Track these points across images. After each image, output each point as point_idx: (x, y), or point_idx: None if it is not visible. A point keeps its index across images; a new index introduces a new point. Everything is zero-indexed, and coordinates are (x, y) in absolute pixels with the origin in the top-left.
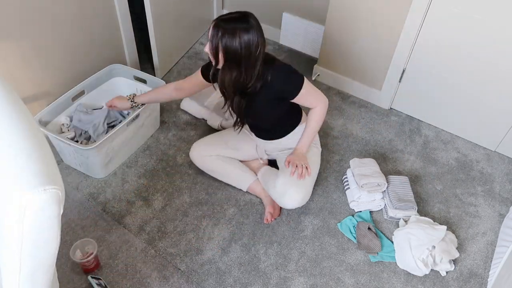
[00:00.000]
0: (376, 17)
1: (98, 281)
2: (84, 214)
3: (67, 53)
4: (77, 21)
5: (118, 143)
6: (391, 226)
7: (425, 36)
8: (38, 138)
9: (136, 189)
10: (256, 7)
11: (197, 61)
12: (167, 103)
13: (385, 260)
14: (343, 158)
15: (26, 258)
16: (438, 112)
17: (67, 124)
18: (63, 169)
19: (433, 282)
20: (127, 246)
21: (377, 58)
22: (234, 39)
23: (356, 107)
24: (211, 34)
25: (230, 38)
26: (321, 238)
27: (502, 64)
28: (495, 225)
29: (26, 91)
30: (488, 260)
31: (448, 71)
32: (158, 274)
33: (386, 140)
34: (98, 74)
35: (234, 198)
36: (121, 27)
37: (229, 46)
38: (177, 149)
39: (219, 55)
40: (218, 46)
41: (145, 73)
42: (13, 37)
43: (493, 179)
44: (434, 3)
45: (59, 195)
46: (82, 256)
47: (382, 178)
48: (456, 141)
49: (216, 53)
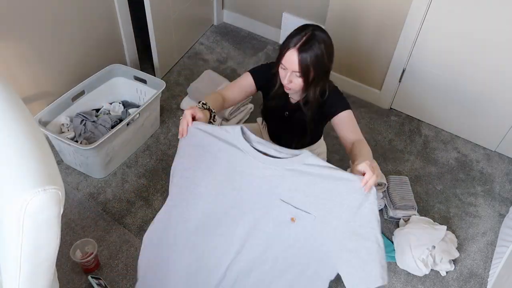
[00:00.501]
0: (376, 17)
1: (98, 281)
2: (84, 214)
3: (67, 53)
4: (77, 21)
5: (118, 143)
6: (391, 226)
7: (425, 36)
8: (38, 138)
9: (136, 189)
10: (256, 7)
11: (197, 61)
12: (167, 104)
13: (385, 260)
14: (343, 158)
15: (26, 258)
16: (438, 112)
17: (67, 124)
18: (63, 169)
19: (433, 282)
20: (127, 246)
21: (377, 58)
22: (322, 53)
23: (356, 107)
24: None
25: (319, 54)
26: None
27: (502, 64)
28: (495, 225)
29: (26, 91)
30: (488, 260)
31: (448, 71)
32: None
33: (386, 140)
34: (98, 74)
35: None
36: (121, 27)
37: (320, 61)
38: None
39: (310, 75)
40: (309, 68)
41: (145, 73)
42: (13, 37)
43: (493, 179)
44: (434, 3)
45: (59, 195)
46: (82, 256)
47: (382, 178)
48: (456, 141)
49: (307, 76)
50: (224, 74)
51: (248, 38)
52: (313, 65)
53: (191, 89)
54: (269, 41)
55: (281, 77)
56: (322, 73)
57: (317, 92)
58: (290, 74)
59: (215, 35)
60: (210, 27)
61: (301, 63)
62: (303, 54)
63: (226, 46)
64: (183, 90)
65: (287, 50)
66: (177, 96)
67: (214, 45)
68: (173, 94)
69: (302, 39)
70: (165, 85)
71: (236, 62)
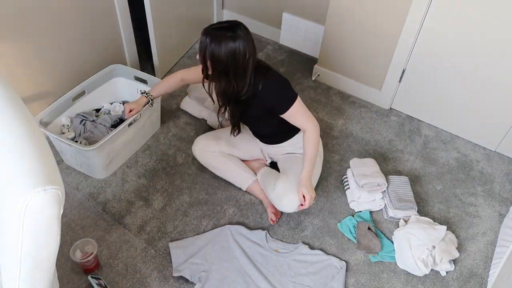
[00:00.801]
0: (376, 17)
1: (98, 281)
2: (84, 214)
3: (67, 53)
4: (77, 22)
5: (119, 144)
6: (391, 226)
7: (425, 36)
8: (38, 138)
9: (136, 189)
10: (256, 7)
11: (197, 61)
12: (167, 104)
13: (385, 260)
14: (343, 158)
15: (26, 258)
16: (438, 112)
17: (67, 124)
18: (63, 169)
19: (433, 282)
20: (127, 246)
21: (377, 58)
22: (220, 47)
23: (356, 107)
24: (200, 41)
25: (216, 46)
26: (321, 238)
27: (502, 64)
28: (495, 225)
29: (26, 91)
30: (488, 260)
31: (448, 71)
32: (158, 274)
33: (386, 140)
34: (98, 75)
35: (234, 198)
36: (121, 27)
37: (215, 54)
38: (177, 149)
39: (208, 63)
40: (205, 53)
41: (145, 73)
42: (13, 37)
43: (493, 179)
44: (434, 3)
45: (59, 195)
46: (82, 256)
47: (382, 178)
48: (456, 141)
49: (204, 61)
50: None
51: None
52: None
53: (191, 89)
54: (269, 41)
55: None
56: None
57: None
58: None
59: None
60: None
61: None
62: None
63: None
64: (183, 90)
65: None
66: (177, 96)
67: None
68: (173, 94)
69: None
70: None
71: None
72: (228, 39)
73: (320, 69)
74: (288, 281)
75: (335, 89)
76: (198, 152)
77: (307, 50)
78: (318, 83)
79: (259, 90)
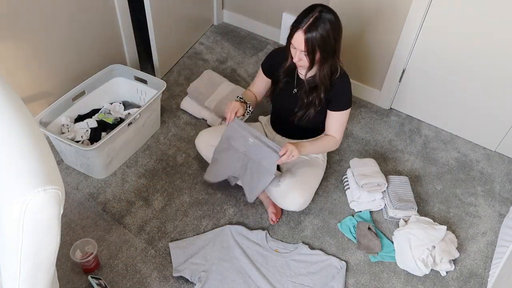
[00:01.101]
0: (376, 17)
1: (98, 281)
2: (84, 214)
3: (67, 53)
4: (77, 22)
5: (119, 144)
6: (391, 226)
7: (425, 36)
8: (38, 138)
9: (136, 189)
10: (256, 7)
11: (197, 61)
12: (167, 104)
13: (385, 260)
14: (343, 158)
15: (26, 258)
16: (438, 112)
17: (67, 124)
18: (63, 169)
19: (433, 282)
20: (127, 246)
21: (377, 58)
22: (328, 33)
23: (356, 107)
24: (304, 44)
25: (321, 30)
26: (321, 238)
27: (502, 64)
28: (495, 225)
29: (26, 91)
30: (488, 260)
31: (448, 71)
32: (158, 274)
33: (386, 140)
34: (98, 75)
35: (234, 198)
36: (121, 27)
37: (326, 41)
38: (177, 149)
39: (317, 53)
40: (314, 45)
41: (145, 73)
42: (13, 37)
43: (493, 179)
44: (434, 3)
45: (59, 195)
46: (82, 256)
47: (382, 178)
48: (456, 141)
49: (313, 56)
50: (224, 74)
51: (248, 38)
52: (319, 46)
53: (191, 89)
54: (269, 41)
55: (292, 55)
56: (328, 53)
57: (325, 70)
58: (298, 53)
59: (215, 35)
60: (210, 27)
61: (307, 44)
62: (309, 35)
63: (226, 46)
64: (183, 90)
65: (295, 31)
66: (177, 96)
67: (214, 45)
68: (173, 94)
69: (309, 20)
70: (165, 85)
71: (236, 62)
72: (321, 19)
73: None
74: (288, 281)
75: None
76: (202, 145)
77: None
78: None
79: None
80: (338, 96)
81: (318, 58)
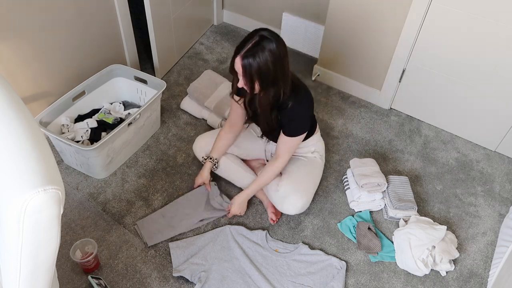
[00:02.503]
0: (376, 17)
1: (98, 281)
2: (84, 214)
3: (67, 53)
4: (77, 22)
5: (119, 144)
6: (391, 226)
7: (425, 36)
8: (38, 138)
9: (136, 189)
10: (256, 7)
11: (197, 61)
12: (167, 104)
13: (385, 260)
14: (343, 158)
15: (26, 258)
16: (438, 112)
17: (67, 125)
18: (63, 169)
19: (433, 282)
20: (127, 246)
21: (377, 58)
22: (264, 58)
23: (356, 107)
24: (242, 70)
25: (260, 60)
26: (321, 238)
27: (502, 64)
28: (495, 225)
29: (26, 91)
30: (488, 260)
31: (448, 71)
32: (158, 274)
33: (386, 140)
34: (98, 75)
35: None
36: (121, 27)
37: (262, 67)
38: (177, 149)
39: (255, 83)
40: (252, 74)
41: (145, 73)
42: (13, 38)
43: (493, 179)
44: (434, 3)
45: (59, 195)
46: (82, 256)
47: (382, 178)
48: (456, 141)
49: (252, 81)
50: (224, 74)
51: None
52: (256, 73)
53: (191, 89)
54: None
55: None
56: (267, 81)
57: (264, 97)
58: (241, 78)
59: (215, 35)
60: (210, 27)
61: (244, 70)
62: (245, 62)
63: (226, 46)
64: (183, 90)
65: (234, 57)
66: (177, 96)
67: (214, 45)
68: (173, 94)
69: (247, 46)
70: (165, 85)
71: None
72: (259, 45)
73: (320, 69)
74: (288, 281)
75: (335, 89)
76: (199, 150)
77: (307, 50)
78: (318, 83)
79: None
80: (287, 122)
81: (257, 86)
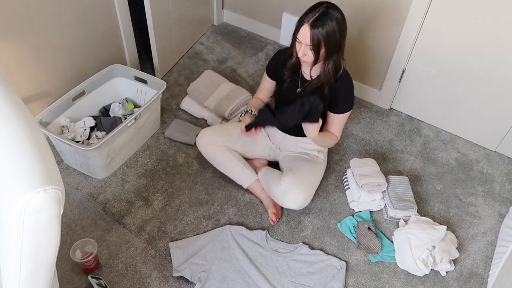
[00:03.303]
0: (376, 17)
1: (98, 281)
2: (84, 214)
3: (67, 53)
4: (77, 22)
5: (119, 144)
6: (391, 226)
7: (425, 36)
8: (38, 138)
9: (136, 189)
10: (256, 7)
11: (197, 61)
12: (167, 104)
13: (385, 260)
14: (343, 158)
15: (26, 258)
16: (438, 112)
17: (67, 125)
18: (63, 169)
19: (433, 282)
20: (127, 246)
21: (377, 58)
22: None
23: (356, 107)
24: (310, 38)
25: (330, 30)
26: (321, 238)
27: (502, 64)
28: (495, 225)
29: (26, 91)
30: (488, 260)
31: (448, 71)
32: (158, 274)
33: (386, 140)
34: (98, 75)
35: (234, 198)
36: (121, 27)
37: (331, 37)
38: (177, 149)
39: (321, 49)
40: (320, 43)
41: (145, 73)
42: (13, 38)
43: (493, 179)
44: (434, 3)
45: (59, 195)
46: (82, 256)
47: (382, 178)
48: (456, 141)
49: (318, 51)
50: (224, 74)
51: (248, 38)
52: (324, 40)
53: (191, 89)
54: (269, 41)
55: (296, 50)
56: (333, 48)
57: (329, 66)
58: (304, 47)
59: (215, 35)
60: (210, 27)
61: (312, 37)
62: (315, 30)
63: (226, 46)
64: (183, 90)
65: (301, 25)
66: (177, 96)
67: (214, 45)
68: (173, 94)
69: (315, 15)
70: (165, 85)
71: (236, 62)
72: (327, 14)
73: None
74: (288, 281)
75: None
76: (204, 144)
77: None
78: None
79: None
80: (341, 97)
81: (322, 54)
